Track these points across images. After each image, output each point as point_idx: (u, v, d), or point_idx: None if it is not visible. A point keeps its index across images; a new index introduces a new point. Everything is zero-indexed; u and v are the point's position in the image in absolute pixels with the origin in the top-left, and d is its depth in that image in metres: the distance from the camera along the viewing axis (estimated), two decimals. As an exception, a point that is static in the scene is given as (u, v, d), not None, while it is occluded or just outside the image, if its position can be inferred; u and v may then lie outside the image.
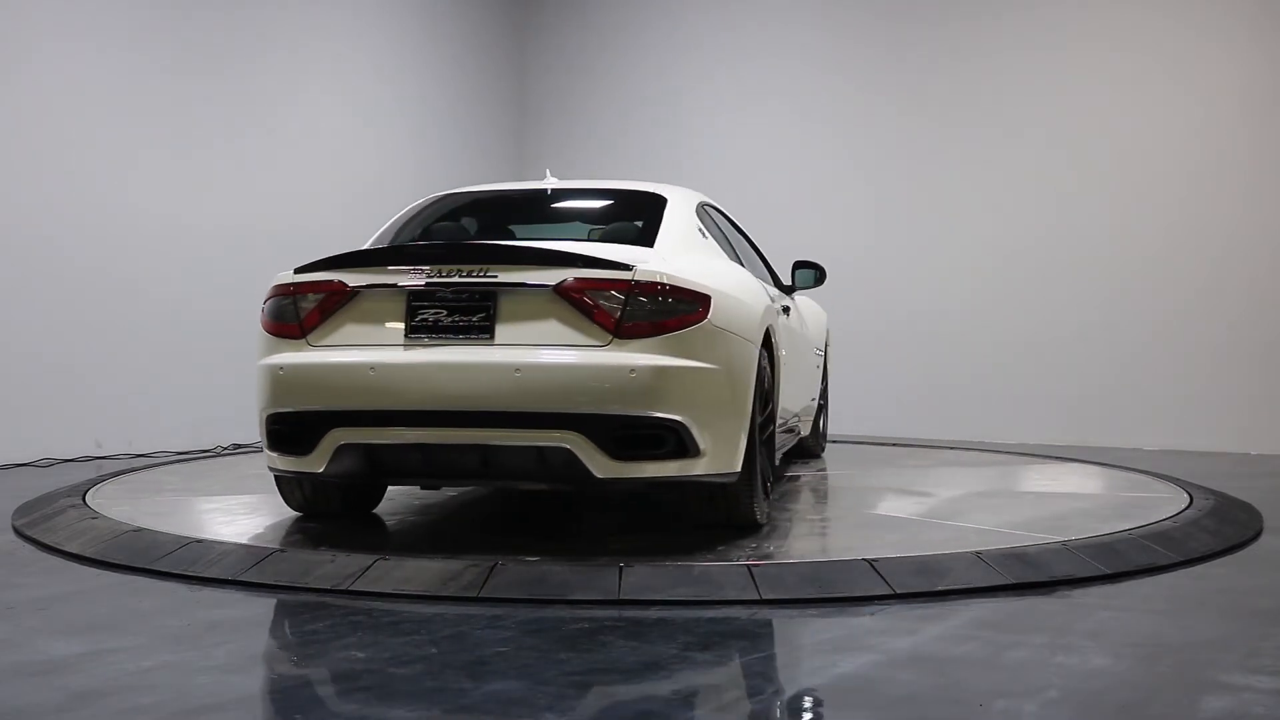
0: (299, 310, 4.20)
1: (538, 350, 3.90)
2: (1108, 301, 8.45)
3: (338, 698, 2.69)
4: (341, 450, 4.07)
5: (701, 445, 3.95)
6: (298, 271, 4.27)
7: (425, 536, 4.45)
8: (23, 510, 5.14)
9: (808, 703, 2.73)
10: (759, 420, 4.38)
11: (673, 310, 3.93)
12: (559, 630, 3.28)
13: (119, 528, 4.47)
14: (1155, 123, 8.32)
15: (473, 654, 3.04)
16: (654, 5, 10.40)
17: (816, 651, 3.13)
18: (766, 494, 4.57)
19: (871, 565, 3.79)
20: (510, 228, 5.10)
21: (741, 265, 5.11)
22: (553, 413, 3.85)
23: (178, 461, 7.06)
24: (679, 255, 4.32)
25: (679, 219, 4.67)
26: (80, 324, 7.40)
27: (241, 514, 4.98)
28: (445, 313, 4.01)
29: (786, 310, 5.38)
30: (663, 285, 3.93)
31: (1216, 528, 4.65)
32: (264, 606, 3.53)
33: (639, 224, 4.63)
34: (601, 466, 3.87)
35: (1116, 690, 2.76)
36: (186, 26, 8.06)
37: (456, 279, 4.01)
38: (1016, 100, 8.80)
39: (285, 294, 4.25)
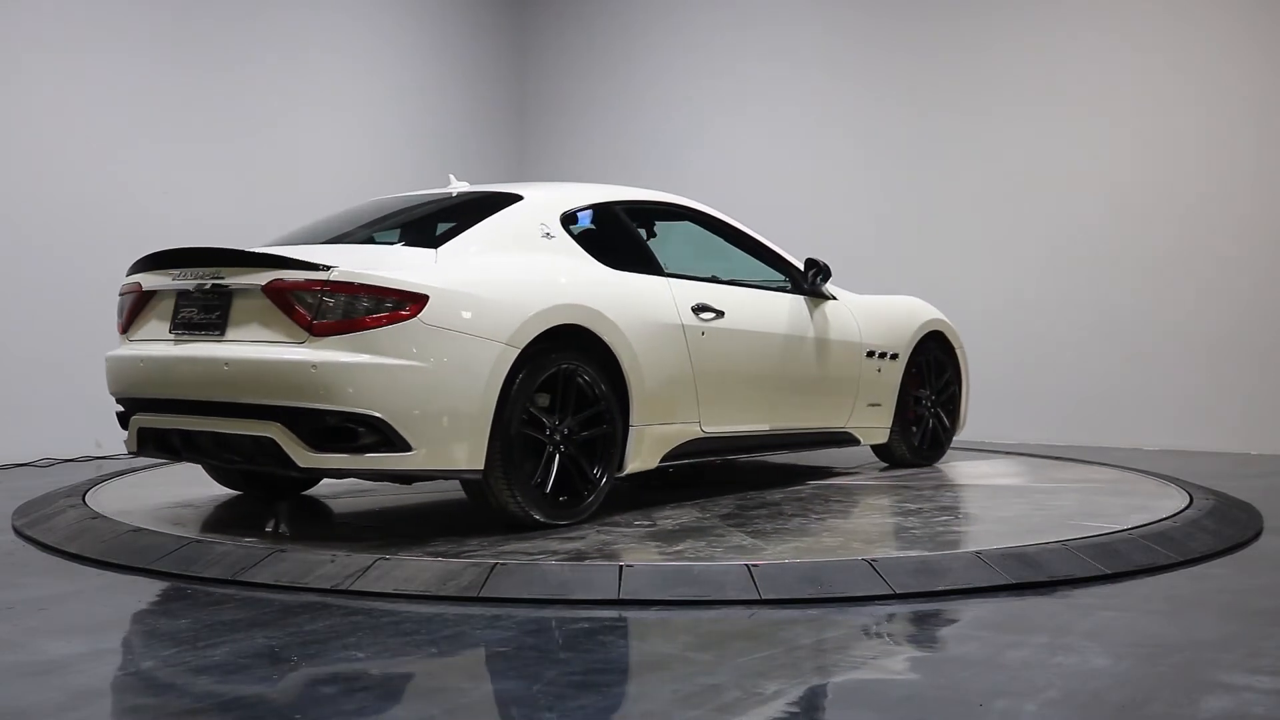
0: (123, 309, 4.80)
1: (245, 346, 4.26)
2: (1108, 301, 8.44)
3: (338, 698, 2.70)
4: (140, 433, 4.62)
5: (410, 440, 4.11)
6: (127, 275, 4.80)
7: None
8: (23, 510, 5.14)
9: (808, 703, 2.73)
10: (561, 423, 4.49)
11: (374, 309, 4.11)
12: (559, 630, 3.28)
13: (119, 528, 4.47)
14: (1158, 123, 8.31)
15: (473, 654, 3.05)
16: (655, 6, 10.39)
17: (816, 651, 3.13)
18: (584, 494, 4.60)
19: (871, 565, 3.79)
20: (393, 231, 5.13)
21: (638, 269, 5.02)
22: (255, 404, 4.19)
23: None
24: (468, 256, 4.48)
25: (508, 221, 4.76)
26: (80, 324, 7.39)
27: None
28: (196, 311, 4.46)
29: (701, 309, 5.12)
30: (355, 285, 4.11)
31: (1216, 528, 4.65)
32: (264, 606, 3.54)
33: (452, 225, 4.74)
34: (303, 457, 4.13)
35: (1116, 690, 2.77)
36: (188, 30, 8.05)
37: (201, 280, 4.44)
38: (1014, 101, 8.80)
39: (120, 295, 4.84)
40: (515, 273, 4.54)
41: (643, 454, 4.86)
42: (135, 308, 4.71)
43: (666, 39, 10.31)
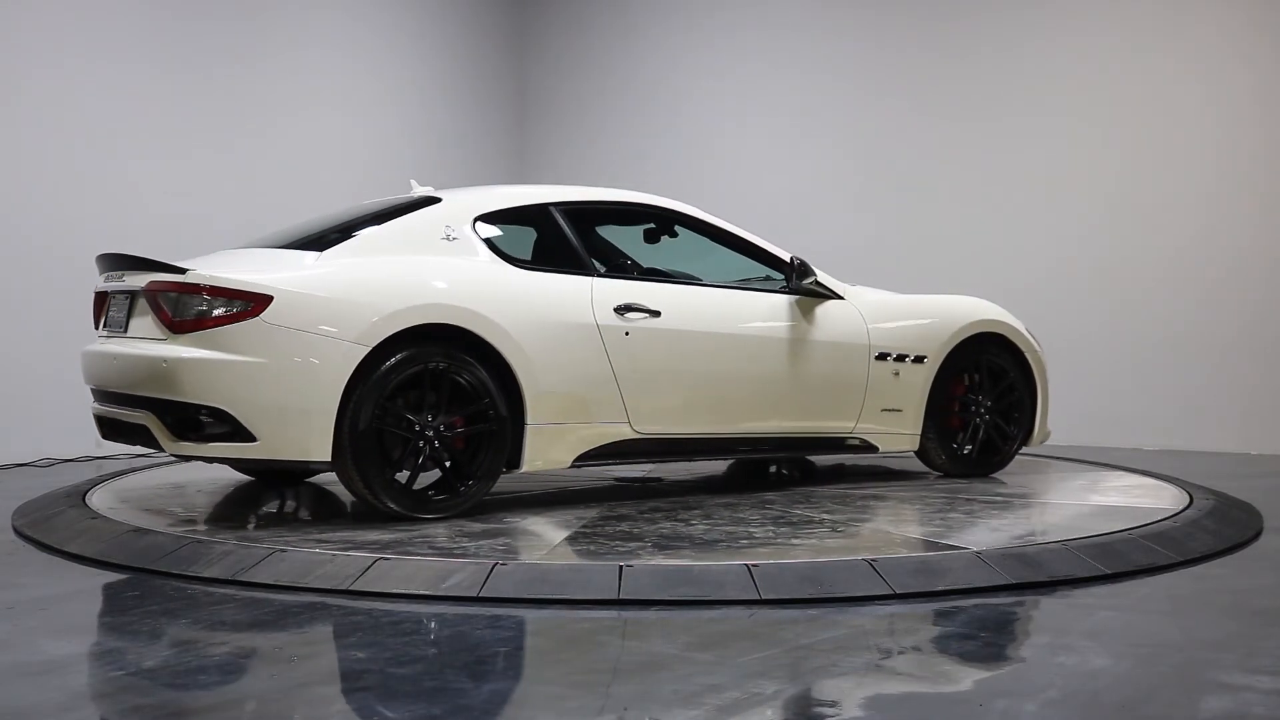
0: (96, 309, 5.20)
1: (129, 343, 4.71)
2: (1109, 302, 8.44)
3: (338, 698, 2.70)
4: (96, 418, 4.99)
5: (253, 431, 4.40)
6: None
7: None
8: (23, 510, 5.14)
9: (808, 703, 2.73)
10: (433, 420, 4.58)
11: (224, 308, 4.45)
12: (559, 630, 3.28)
13: (119, 528, 4.47)
14: (1161, 124, 8.31)
15: (473, 654, 3.05)
16: (656, 7, 10.39)
17: (816, 652, 3.13)
18: (454, 490, 4.68)
19: (871, 565, 3.79)
20: (336, 234, 5.11)
21: (563, 269, 5.02)
22: (130, 395, 4.63)
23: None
24: (346, 258, 4.70)
25: (408, 224, 4.93)
26: (80, 324, 7.38)
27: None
28: (115, 311, 4.92)
29: (628, 309, 5.05)
30: (204, 286, 4.46)
31: (1216, 528, 4.65)
32: (264, 606, 3.54)
33: (359, 227, 4.94)
34: (169, 444, 4.51)
35: (1116, 690, 2.77)
36: (188, 29, 8.05)
37: (116, 283, 4.90)
38: (1017, 103, 8.79)
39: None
40: (385, 273, 4.68)
41: (549, 452, 4.88)
42: (96, 307, 5.18)
43: (667, 39, 10.31)
